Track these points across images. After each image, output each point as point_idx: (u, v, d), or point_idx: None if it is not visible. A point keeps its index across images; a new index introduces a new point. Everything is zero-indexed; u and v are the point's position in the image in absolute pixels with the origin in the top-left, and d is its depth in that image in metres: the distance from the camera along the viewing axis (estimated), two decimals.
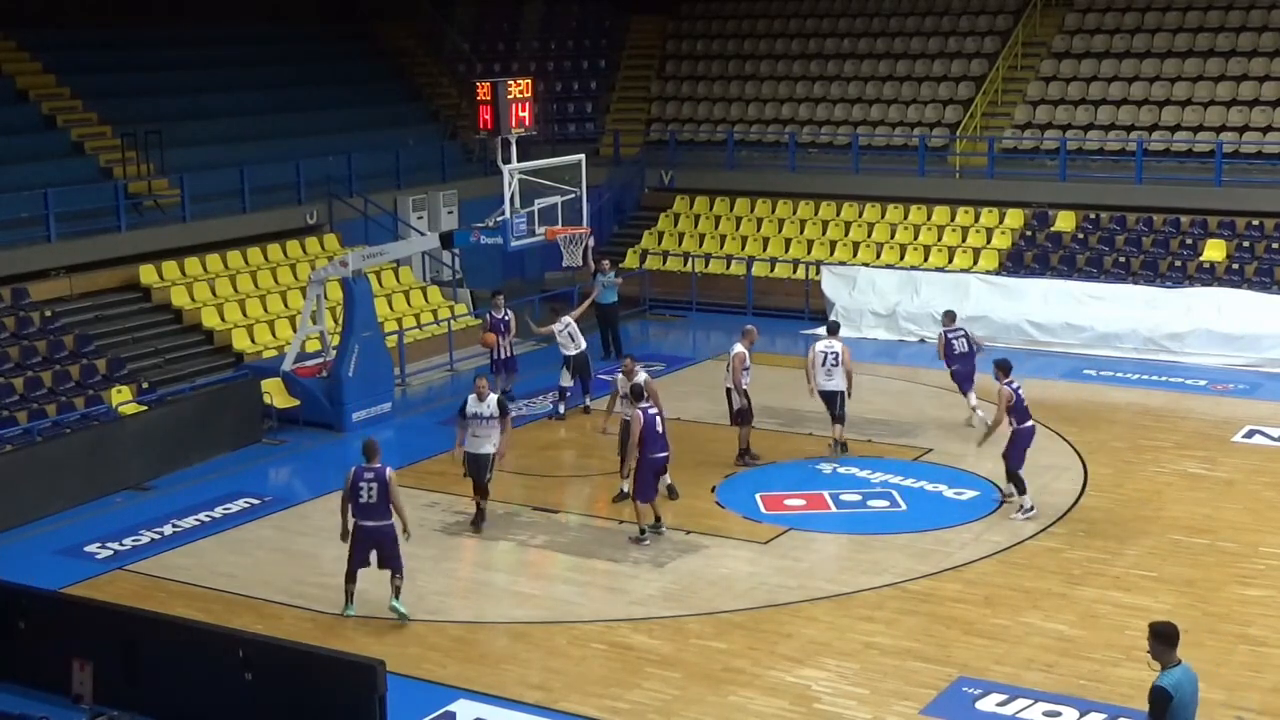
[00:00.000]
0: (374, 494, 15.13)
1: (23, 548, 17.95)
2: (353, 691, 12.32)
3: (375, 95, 35.45)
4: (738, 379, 20.17)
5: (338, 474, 20.82)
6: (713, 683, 13.81)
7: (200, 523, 18.72)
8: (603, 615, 15.45)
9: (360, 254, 23.56)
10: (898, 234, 30.95)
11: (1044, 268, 28.77)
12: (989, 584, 15.96)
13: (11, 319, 23.22)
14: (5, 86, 28.46)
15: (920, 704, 13.26)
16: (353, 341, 22.83)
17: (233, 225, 27.74)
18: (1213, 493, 18.73)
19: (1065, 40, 33.57)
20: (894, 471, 19.63)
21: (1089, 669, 13.82)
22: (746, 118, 35.59)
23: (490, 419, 17.82)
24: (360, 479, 15.19)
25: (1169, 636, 9.70)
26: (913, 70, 34.77)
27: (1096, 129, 31.44)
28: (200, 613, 15.41)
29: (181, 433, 21.22)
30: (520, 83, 22.02)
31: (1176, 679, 9.59)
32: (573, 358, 23.04)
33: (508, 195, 21.34)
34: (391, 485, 15.19)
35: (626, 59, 38.67)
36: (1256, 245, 27.85)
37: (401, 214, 30.37)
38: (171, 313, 25.66)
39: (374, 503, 15.16)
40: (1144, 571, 16.20)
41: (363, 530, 15.27)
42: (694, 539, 17.51)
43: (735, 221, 32.77)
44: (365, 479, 15.17)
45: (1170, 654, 9.68)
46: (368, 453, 15.36)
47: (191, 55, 32.38)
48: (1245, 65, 31.13)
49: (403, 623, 15.23)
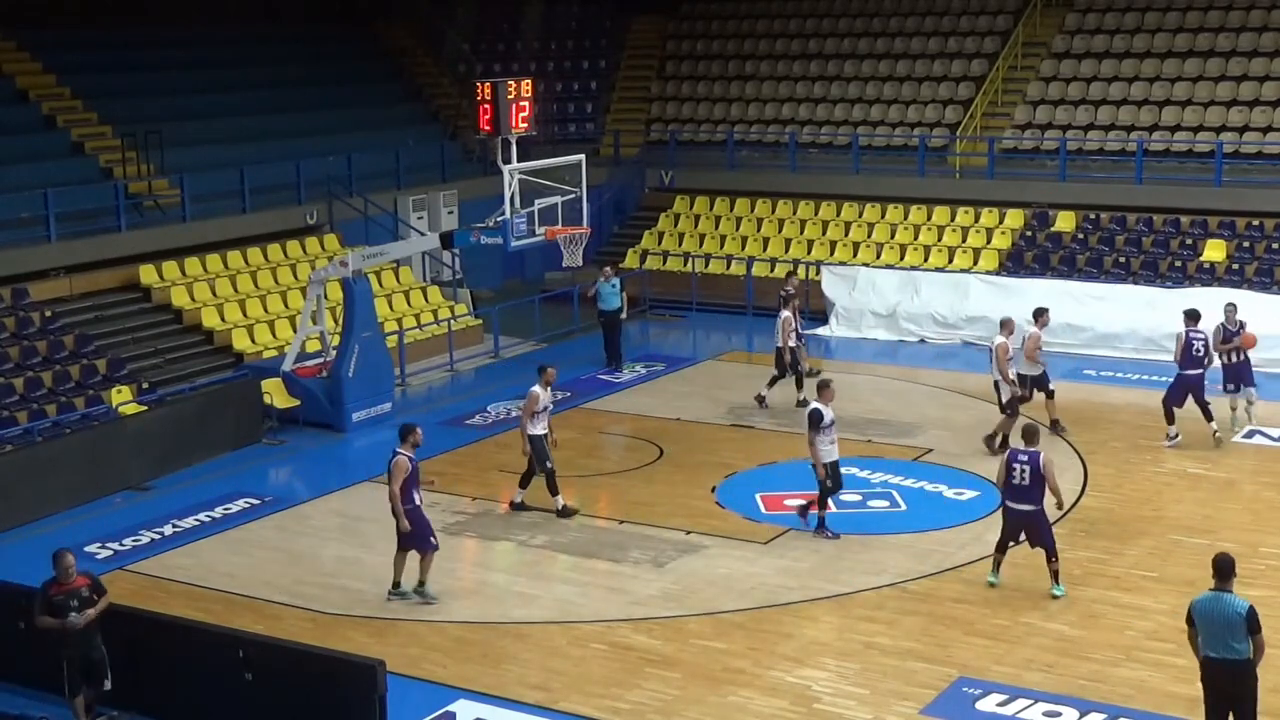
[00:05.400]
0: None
1: (23, 548, 17.94)
2: (353, 691, 12.33)
3: (375, 95, 35.47)
4: (1004, 369, 20.21)
5: (338, 474, 21.03)
6: (713, 683, 13.81)
7: (200, 523, 18.72)
8: (603, 615, 15.45)
9: (360, 254, 23.56)
10: (898, 234, 30.95)
11: (1044, 268, 28.77)
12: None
13: (11, 319, 23.23)
14: (5, 86, 28.48)
15: (920, 704, 13.26)
16: (353, 341, 22.83)
17: (233, 225, 27.76)
18: (1213, 493, 18.73)
19: (1065, 40, 33.57)
20: (894, 471, 19.63)
21: (1089, 669, 13.82)
22: (746, 118, 35.59)
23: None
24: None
25: (1218, 565, 11.46)
26: (913, 70, 34.77)
27: (1096, 129, 31.44)
28: (200, 613, 15.41)
29: (181, 433, 21.22)
30: (520, 83, 22.01)
31: (1203, 599, 11.38)
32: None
33: (508, 195, 21.35)
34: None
35: (626, 59, 38.68)
36: (1256, 245, 27.85)
37: (401, 214, 30.38)
38: (171, 313, 25.67)
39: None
40: (1144, 571, 16.20)
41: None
42: (694, 539, 17.51)
43: (735, 221, 32.77)
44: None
45: (1216, 581, 11.39)
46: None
47: (192, 55, 32.40)
48: (1245, 65, 31.14)
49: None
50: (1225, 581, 11.39)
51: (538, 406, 18.27)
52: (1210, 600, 11.34)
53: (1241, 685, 11.31)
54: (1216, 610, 11.28)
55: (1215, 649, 11.31)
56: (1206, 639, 11.37)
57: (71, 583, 12.84)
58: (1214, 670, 11.38)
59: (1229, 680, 11.32)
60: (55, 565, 12.94)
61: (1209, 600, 11.35)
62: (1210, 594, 11.38)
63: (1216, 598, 11.32)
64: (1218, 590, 11.37)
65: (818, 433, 17.09)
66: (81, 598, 12.80)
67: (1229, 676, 11.30)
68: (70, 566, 12.92)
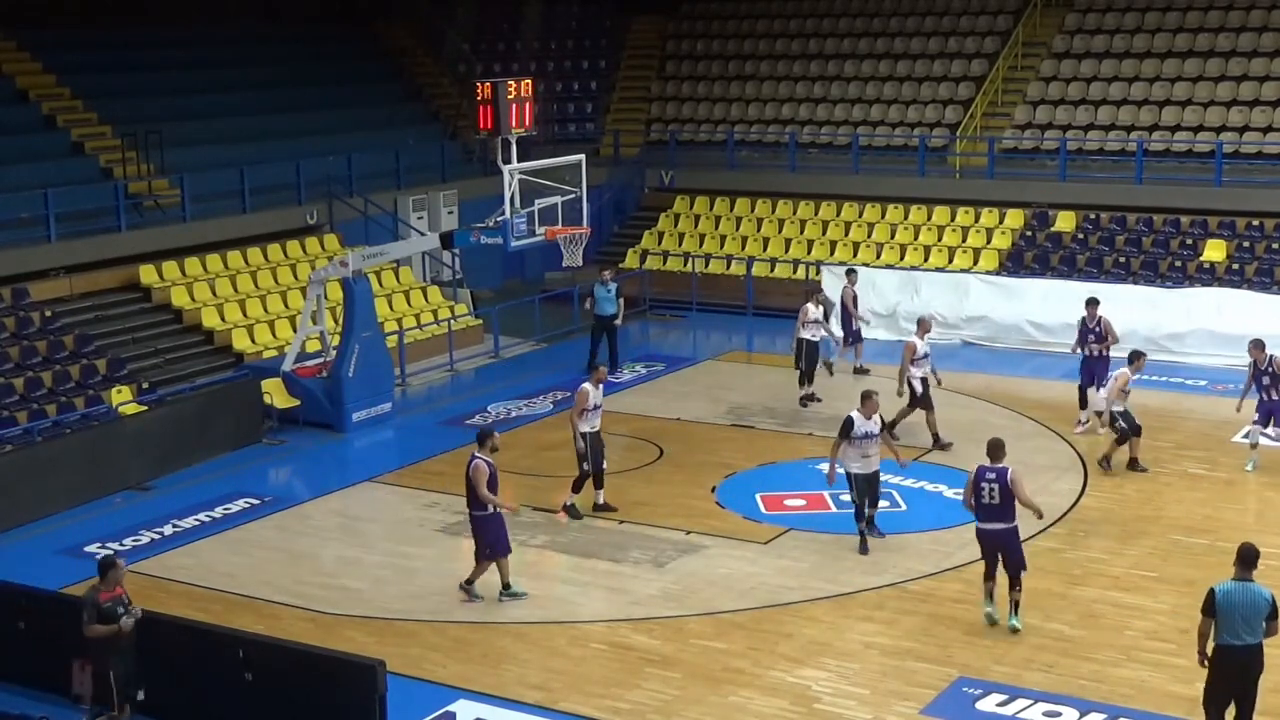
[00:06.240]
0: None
1: (23, 548, 17.96)
2: (353, 691, 12.33)
3: (375, 95, 35.47)
4: (905, 368, 20.51)
5: (338, 474, 21.04)
6: (713, 683, 13.81)
7: (200, 523, 18.72)
8: (603, 615, 15.45)
9: (360, 254, 23.56)
10: (898, 234, 30.95)
11: (1044, 268, 28.76)
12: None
13: (11, 319, 23.23)
14: (5, 86, 28.47)
15: (920, 704, 13.26)
16: (353, 341, 22.83)
17: (233, 225, 27.75)
18: (1213, 493, 18.73)
19: (1065, 40, 33.57)
20: (894, 471, 19.62)
21: (1089, 669, 13.82)
22: (746, 118, 35.59)
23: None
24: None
25: (1241, 555, 11.68)
26: (913, 70, 34.77)
27: (1096, 129, 31.44)
28: (200, 613, 15.41)
29: (181, 433, 21.22)
30: (520, 83, 22.00)
31: (1228, 588, 11.54)
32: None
33: (508, 195, 21.34)
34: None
35: (626, 59, 38.68)
36: (1256, 245, 27.85)
37: (401, 214, 30.37)
38: (171, 313, 25.67)
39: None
40: (1144, 571, 16.20)
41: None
42: (694, 539, 17.52)
43: (735, 221, 32.77)
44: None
45: (1239, 570, 11.62)
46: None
47: (192, 55, 32.38)
48: (1245, 65, 31.14)
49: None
50: (1249, 570, 11.60)
51: (587, 404, 18.08)
52: (1237, 589, 11.51)
53: (1253, 669, 11.57)
54: (1244, 598, 11.47)
55: (1234, 636, 11.49)
56: (1225, 627, 11.50)
57: (115, 590, 12.84)
58: (1230, 656, 11.53)
59: (1244, 665, 11.55)
60: (105, 573, 12.89)
61: (1236, 589, 11.52)
62: (1236, 583, 11.55)
63: (1244, 587, 11.53)
64: (1242, 579, 11.57)
65: (846, 441, 16.65)
66: (125, 604, 12.82)
67: (1245, 661, 11.53)
68: (121, 575, 12.92)
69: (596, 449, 18.26)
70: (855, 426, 16.69)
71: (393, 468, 21.05)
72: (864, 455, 16.76)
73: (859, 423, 16.70)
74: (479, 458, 15.51)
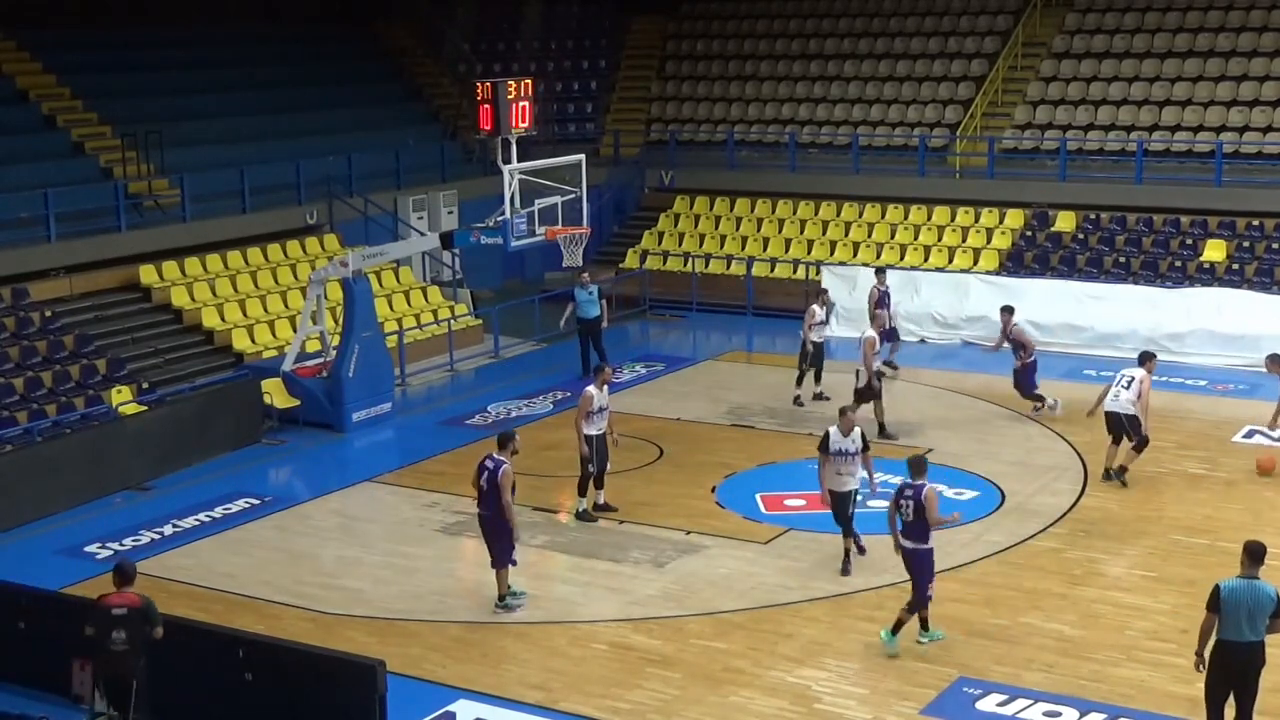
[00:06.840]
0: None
1: (23, 548, 17.96)
2: (353, 691, 12.33)
3: (375, 95, 35.46)
4: (868, 362, 20.71)
5: (338, 474, 21.04)
6: (713, 683, 13.81)
7: (200, 523, 18.72)
8: (603, 615, 15.45)
9: (360, 254, 23.56)
10: (898, 234, 30.95)
11: (1044, 268, 28.76)
12: (989, 584, 15.98)
13: (11, 319, 23.22)
14: (5, 86, 28.47)
15: (920, 704, 13.27)
16: (353, 341, 22.82)
17: (233, 225, 27.74)
18: (1213, 493, 18.72)
19: (1065, 40, 33.57)
20: (894, 471, 19.59)
21: (1089, 669, 13.82)
22: (746, 118, 35.59)
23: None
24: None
25: (1250, 551, 11.68)
26: (913, 70, 34.77)
27: (1096, 129, 31.44)
28: (200, 613, 15.40)
29: (181, 433, 21.22)
30: (520, 83, 22.00)
31: (1234, 584, 11.55)
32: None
33: (508, 195, 21.34)
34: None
35: (626, 59, 38.67)
36: (1256, 245, 27.85)
37: (401, 214, 30.37)
38: (171, 313, 25.66)
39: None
40: (1144, 571, 16.20)
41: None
42: (694, 539, 17.51)
43: (735, 221, 32.77)
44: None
45: (1247, 566, 11.61)
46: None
47: (192, 55, 32.38)
48: (1245, 65, 31.13)
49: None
50: (1257, 567, 11.60)
51: (592, 407, 17.96)
52: (1243, 586, 11.53)
53: (1254, 665, 11.60)
54: (1250, 595, 11.48)
55: (1237, 633, 11.52)
56: (1228, 623, 11.52)
57: (127, 597, 12.69)
58: (1230, 653, 11.56)
59: (1245, 662, 11.58)
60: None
61: (1242, 586, 11.53)
62: (1242, 580, 11.56)
63: (1251, 584, 11.53)
64: (1249, 576, 11.58)
65: (825, 456, 16.36)
66: (124, 619, 12.72)
67: (1246, 657, 11.56)
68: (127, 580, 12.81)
69: (601, 452, 18.24)
70: (831, 442, 16.33)
71: (393, 468, 21.05)
72: (837, 473, 16.33)
73: (834, 439, 16.31)
74: (504, 461, 15.33)
